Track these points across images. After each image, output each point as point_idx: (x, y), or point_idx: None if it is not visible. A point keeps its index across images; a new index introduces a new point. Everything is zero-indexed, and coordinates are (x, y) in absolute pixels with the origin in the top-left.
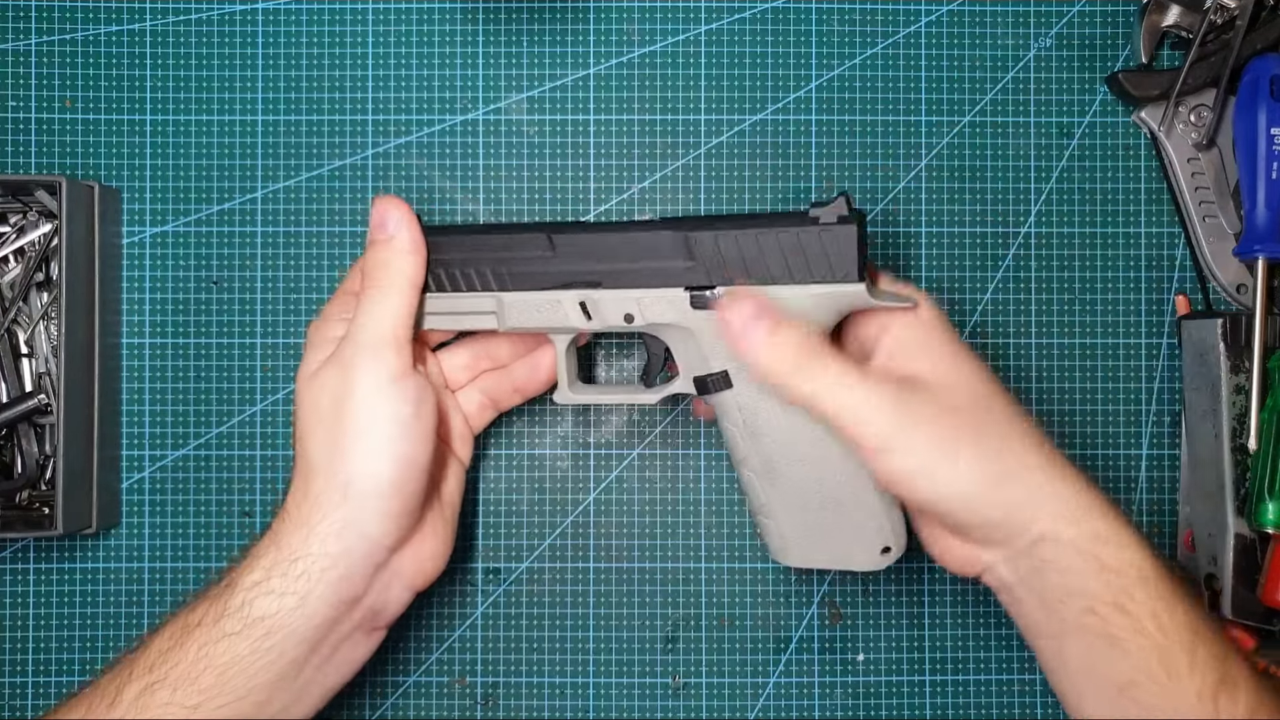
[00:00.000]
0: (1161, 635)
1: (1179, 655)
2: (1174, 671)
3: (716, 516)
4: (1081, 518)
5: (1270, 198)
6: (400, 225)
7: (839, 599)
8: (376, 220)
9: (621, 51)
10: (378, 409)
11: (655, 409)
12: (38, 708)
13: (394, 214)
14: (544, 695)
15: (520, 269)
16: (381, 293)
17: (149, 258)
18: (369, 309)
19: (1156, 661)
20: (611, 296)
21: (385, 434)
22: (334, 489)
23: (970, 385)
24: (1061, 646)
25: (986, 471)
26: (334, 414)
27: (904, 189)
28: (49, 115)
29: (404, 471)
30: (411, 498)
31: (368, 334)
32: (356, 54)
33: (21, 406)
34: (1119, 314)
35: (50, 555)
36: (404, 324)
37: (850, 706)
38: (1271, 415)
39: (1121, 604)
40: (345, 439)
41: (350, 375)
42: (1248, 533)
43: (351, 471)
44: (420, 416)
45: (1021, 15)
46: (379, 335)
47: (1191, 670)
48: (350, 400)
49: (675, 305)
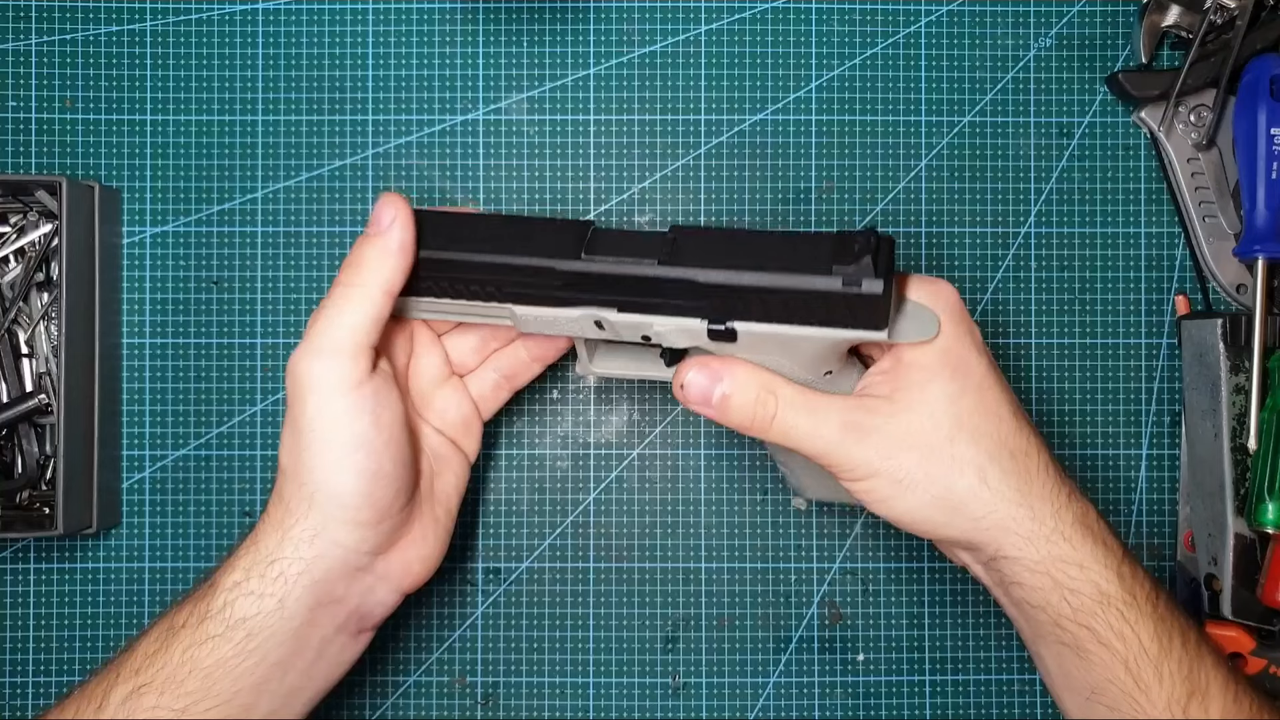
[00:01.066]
0: (1125, 649)
1: (1145, 668)
2: (1141, 682)
3: (716, 516)
4: (1042, 541)
5: (1270, 198)
6: (394, 224)
7: (839, 599)
8: (375, 214)
9: (621, 51)
10: (334, 420)
11: (655, 408)
12: (38, 708)
13: (390, 210)
14: (544, 695)
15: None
16: (348, 294)
17: (149, 258)
18: (331, 312)
19: (1123, 672)
20: (627, 320)
21: (343, 445)
22: (302, 497)
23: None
24: (1037, 649)
25: (938, 502)
26: (292, 422)
27: (904, 189)
28: (49, 115)
29: (368, 484)
30: (384, 506)
31: (324, 340)
32: (356, 54)
33: (21, 406)
34: (1119, 314)
35: (50, 555)
36: (366, 331)
37: (850, 706)
38: (1271, 415)
39: (1084, 620)
40: (305, 450)
41: (302, 383)
42: (1247, 533)
43: (315, 483)
44: (380, 427)
45: (1021, 15)
46: (335, 342)
47: (1160, 681)
48: (305, 411)
49: (692, 334)
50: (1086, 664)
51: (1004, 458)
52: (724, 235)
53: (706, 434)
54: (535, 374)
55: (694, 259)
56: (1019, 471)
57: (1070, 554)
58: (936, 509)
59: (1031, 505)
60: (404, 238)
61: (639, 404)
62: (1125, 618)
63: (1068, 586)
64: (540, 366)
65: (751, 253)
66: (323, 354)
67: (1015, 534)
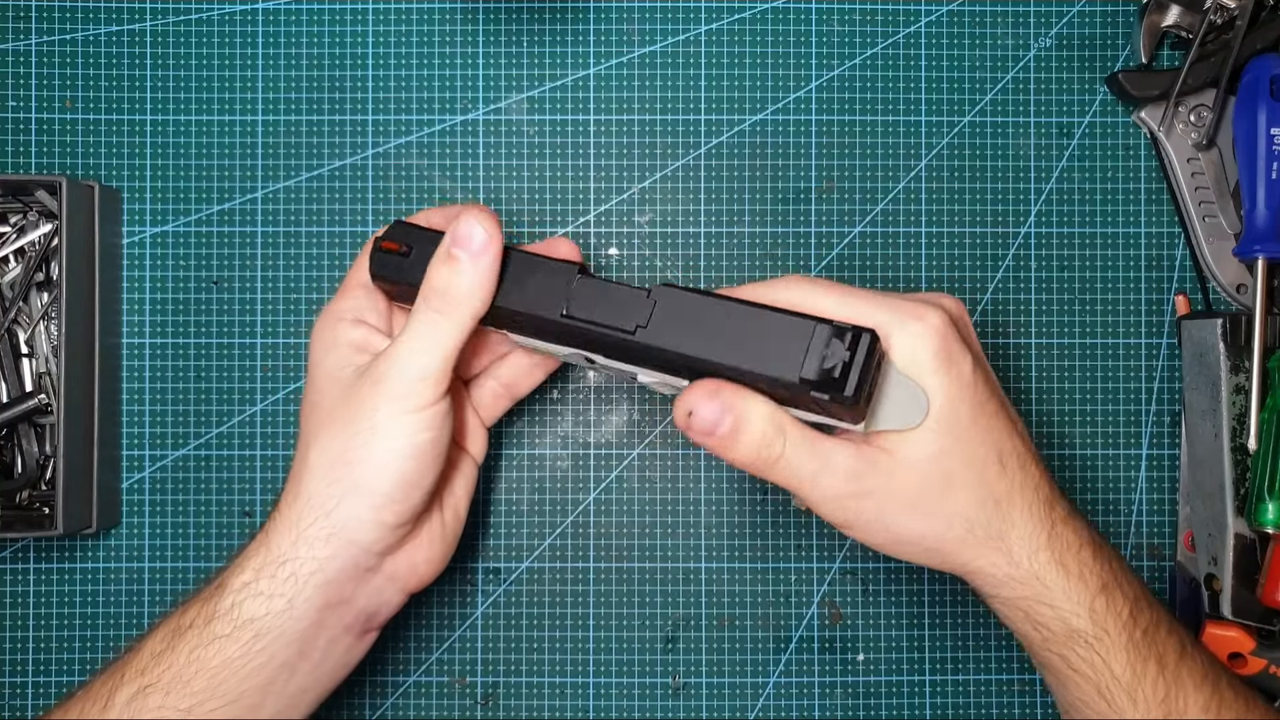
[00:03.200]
0: (1097, 677)
1: (1119, 694)
2: (1115, 705)
3: (716, 516)
4: (1016, 584)
5: (1270, 198)
6: (488, 248)
7: (839, 599)
8: (464, 232)
9: (621, 51)
10: (398, 434)
11: (655, 409)
12: (38, 708)
13: (483, 231)
14: (544, 695)
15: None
16: (440, 321)
17: (149, 258)
18: (421, 335)
19: (1096, 696)
20: (614, 365)
21: (397, 454)
22: (329, 495)
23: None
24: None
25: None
26: (348, 426)
27: (904, 189)
28: (49, 115)
29: (406, 490)
30: (410, 511)
31: (411, 365)
32: (356, 54)
33: (21, 406)
34: (1119, 314)
35: (50, 555)
36: (453, 359)
37: (850, 706)
38: (1271, 415)
39: (1056, 649)
40: (353, 452)
41: (377, 397)
42: (1247, 533)
43: (352, 482)
44: (437, 441)
45: (1021, 15)
46: (422, 369)
47: (1134, 705)
48: (371, 421)
49: (676, 387)
50: (1063, 685)
51: (989, 506)
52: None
53: None
54: (536, 383)
55: (669, 331)
56: (1001, 518)
57: (1043, 594)
58: (925, 556)
59: (1010, 551)
60: (497, 263)
61: (639, 404)
62: (1095, 650)
63: (1038, 621)
64: (544, 373)
65: (728, 332)
66: (408, 378)
67: (992, 575)
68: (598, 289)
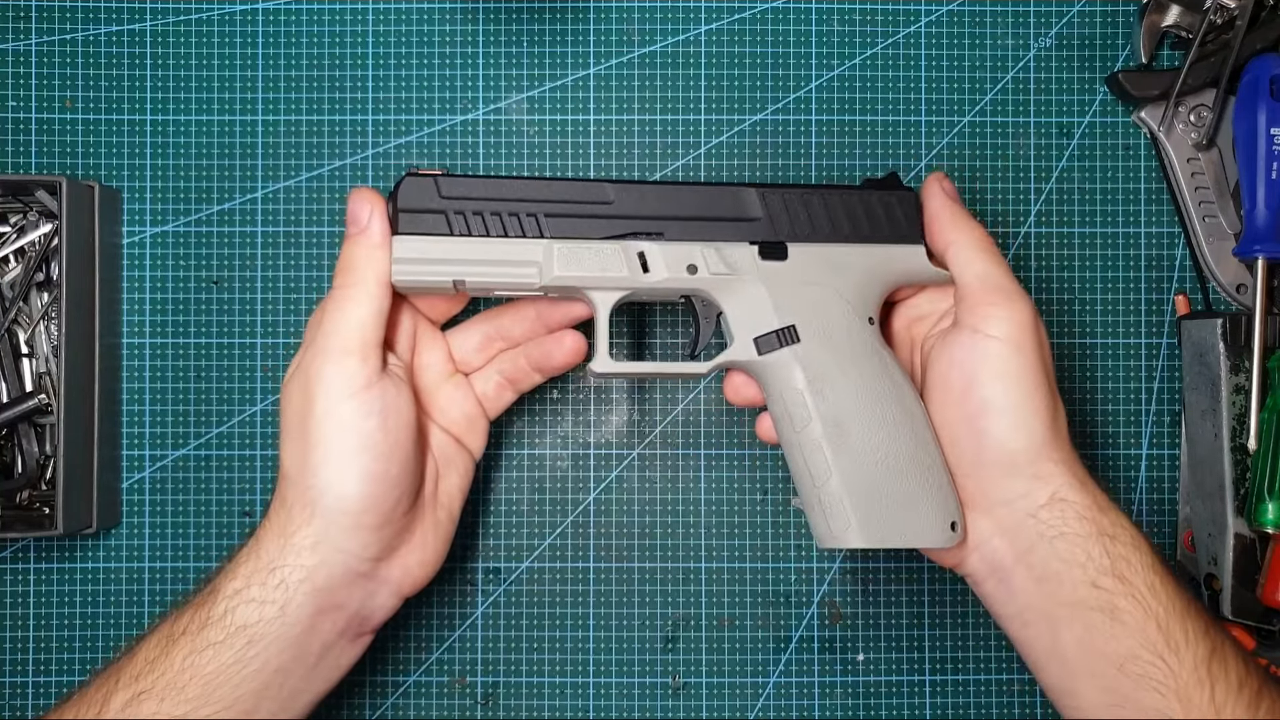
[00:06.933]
0: (1158, 603)
1: (1175, 625)
2: (1173, 641)
3: (716, 516)
4: (1085, 485)
5: (1270, 198)
6: (374, 218)
7: (839, 599)
8: (351, 213)
9: (621, 51)
10: (341, 422)
11: (655, 408)
12: (38, 708)
13: (366, 206)
14: (544, 695)
15: (574, 214)
16: (349, 294)
17: (149, 258)
18: (334, 313)
19: (1155, 630)
20: (674, 249)
21: (349, 448)
22: (305, 503)
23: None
24: (1055, 630)
25: (1047, 428)
26: (300, 425)
27: None
28: (49, 115)
29: (375, 487)
30: (389, 511)
31: (331, 341)
32: (356, 54)
33: (21, 406)
34: (1119, 314)
35: (50, 555)
36: (371, 328)
37: (850, 706)
38: (1271, 415)
39: (1120, 572)
40: (311, 453)
41: (312, 386)
42: (1247, 533)
43: (319, 486)
44: (388, 429)
45: (1021, 15)
46: (342, 343)
47: (1187, 640)
48: (313, 413)
49: (744, 257)
50: (1118, 628)
51: (1058, 408)
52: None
53: (706, 434)
54: (537, 382)
55: (743, 184)
56: (1063, 421)
57: (1106, 502)
58: (1044, 438)
59: (1076, 456)
60: (386, 229)
61: (639, 404)
62: (1156, 567)
63: (1108, 533)
64: (541, 377)
65: (795, 185)
66: (331, 355)
67: (1072, 476)
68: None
